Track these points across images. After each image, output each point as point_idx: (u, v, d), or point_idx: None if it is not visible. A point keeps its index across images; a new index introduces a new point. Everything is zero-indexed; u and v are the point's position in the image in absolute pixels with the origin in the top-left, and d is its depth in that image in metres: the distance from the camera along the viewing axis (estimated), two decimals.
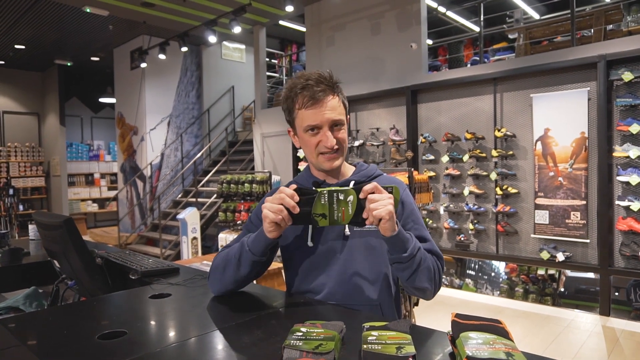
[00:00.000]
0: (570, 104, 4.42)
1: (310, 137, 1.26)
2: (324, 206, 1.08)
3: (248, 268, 1.21)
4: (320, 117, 1.23)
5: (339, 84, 1.30)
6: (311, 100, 1.22)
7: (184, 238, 6.18)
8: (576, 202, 4.41)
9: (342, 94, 1.30)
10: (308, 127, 1.24)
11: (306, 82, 1.23)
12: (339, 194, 1.08)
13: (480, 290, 5.36)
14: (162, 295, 1.30)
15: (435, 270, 1.24)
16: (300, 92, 1.24)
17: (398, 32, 5.83)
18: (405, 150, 5.61)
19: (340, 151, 1.27)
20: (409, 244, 1.15)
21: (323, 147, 1.24)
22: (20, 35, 8.11)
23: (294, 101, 1.26)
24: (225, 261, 1.24)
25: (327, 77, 1.26)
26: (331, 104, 1.24)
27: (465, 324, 0.87)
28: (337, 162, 1.28)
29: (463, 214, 5.26)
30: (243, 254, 1.20)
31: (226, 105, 9.59)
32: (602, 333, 3.81)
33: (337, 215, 1.09)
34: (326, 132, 1.23)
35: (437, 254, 1.30)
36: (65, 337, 0.98)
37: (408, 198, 1.35)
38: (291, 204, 1.08)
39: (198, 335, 0.98)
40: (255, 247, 1.19)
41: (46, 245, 1.64)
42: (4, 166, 10.19)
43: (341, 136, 1.26)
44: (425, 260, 1.20)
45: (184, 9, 6.82)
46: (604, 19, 4.80)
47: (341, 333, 0.90)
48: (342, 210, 1.08)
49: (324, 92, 1.23)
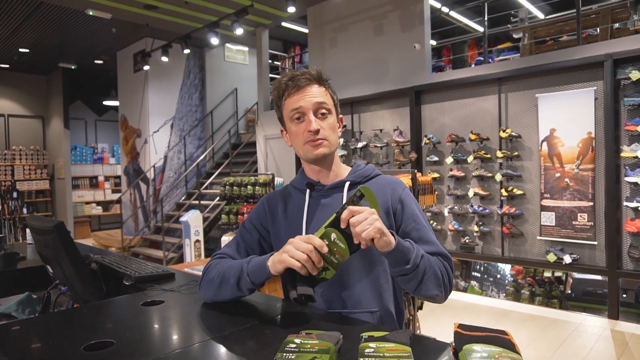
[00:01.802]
0: (577, 103, 4.35)
1: (297, 127, 1.23)
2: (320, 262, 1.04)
3: (246, 292, 1.17)
4: (303, 101, 1.21)
5: (328, 80, 1.28)
6: (295, 88, 1.22)
7: (186, 241, 6.16)
8: (583, 203, 4.34)
9: (330, 88, 1.28)
10: (292, 111, 1.22)
11: (292, 75, 1.24)
12: (323, 240, 1.02)
13: (486, 293, 5.28)
14: (154, 302, 1.26)
15: (443, 274, 1.16)
16: (285, 83, 1.23)
17: (401, 33, 5.78)
18: (409, 152, 5.55)
19: (328, 140, 1.23)
20: (411, 254, 1.08)
21: (308, 135, 1.21)
22: (24, 39, 8.14)
23: (279, 94, 1.26)
24: (222, 279, 1.18)
25: (314, 73, 1.25)
26: (316, 90, 1.23)
27: (469, 335, 0.81)
28: (322, 150, 1.22)
29: (468, 215, 5.20)
30: (242, 280, 1.15)
31: (229, 108, 9.57)
32: (610, 337, 3.73)
33: (336, 258, 1.04)
34: (310, 116, 1.21)
35: (444, 255, 1.22)
36: (49, 347, 0.94)
37: (408, 198, 1.28)
38: (316, 259, 1.02)
39: (188, 346, 0.93)
40: (256, 278, 1.13)
41: (39, 250, 1.60)
42: (9, 169, 10.23)
43: (327, 124, 1.23)
44: (431, 267, 1.13)
45: (186, 11, 6.81)
46: (611, 17, 4.73)
47: (337, 344, 0.85)
48: (335, 251, 1.03)
49: (308, 80, 1.23)
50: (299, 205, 1.29)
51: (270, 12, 6.97)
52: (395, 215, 1.25)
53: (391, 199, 1.26)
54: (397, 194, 1.27)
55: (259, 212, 1.35)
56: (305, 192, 1.30)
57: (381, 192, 1.25)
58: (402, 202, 1.26)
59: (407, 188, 1.31)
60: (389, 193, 1.27)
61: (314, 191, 1.29)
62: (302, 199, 1.30)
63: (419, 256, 1.09)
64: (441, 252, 1.21)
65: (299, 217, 1.27)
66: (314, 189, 1.29)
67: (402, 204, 1.26)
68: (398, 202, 1.25)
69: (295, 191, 1.34)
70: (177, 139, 8.94)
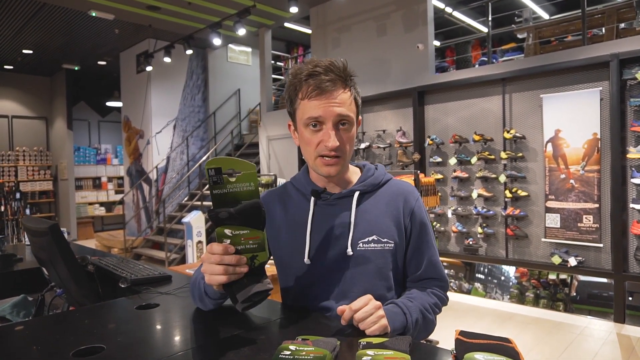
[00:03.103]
0: (582, 104, 4.30)
1: (311, 135, 1.08)
2: None
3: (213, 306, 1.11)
4: (324, 109, 1.05)
5: (353, 77, 1.11)
6: (317, 90, 1.05)
7: (189, 242, 6.15)
8: (589, 205, 4.28)
9: (355, 89, 1.13)
10: (309, 119, 1.06)
11: (314, 69, 1.06)
12: (223, 241, 0.92)
13: (490, 295, 5.23)
14: (149, 305, 1.23)
15: (436, 309, 1.17)
16: (305, 79, 1.06)
17: (404, 33, 5.74)
18: (412, 153, 5.51)
19: (343, 157, 1.09)
20: (407, 321, 1.06)
21: (323, 148, 1.07)
22: (27, 41, 8.16)
23: (297, 89, 1.09)
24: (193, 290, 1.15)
25: (339, 66, 1.08)
26: (341, 97, 1.06)
27: (471, 343, 0.78)
28: (335, 169, 1.10)
29: (471, 217, 5.15)
30: (204, 297, 1.08)
31: (232, 108, 9.56)
32: (617, 341, 3.68)
33: (253, 242, 0.94)
34: (329, 130, 1.06)
35: (443, 278, 1.21)
36: (37, 353, 0.91)
37: (420, 210, 1.19)
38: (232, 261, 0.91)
39: (180, 352, 0.90)
40: (213, 294, 1.05)
41: (34, 251, 1.58)
42: (12, 170, 10.26)
43: (347, 137, 1.09)
44: (425, 317, 1.12)
45: (188, 12, 6.80)
46: (616, 17, 4.68)
47: (334, 352, 0.82)
48: (244, 240, 0.93)
49: (333, 82, 1.05)
50: (301, 213, 1.18)
51: (272, 12, 6.95)
52: (405, 230, 1.18)
53: (403, 212, 1.18)
54: (410, 206, 1.18)
55: None
56: (309, 198, 1.18)
57: (393, 202, 1.18)
58: (415, 216, 1.18)
59: (420, 199, 1.22)
60: (401, 204, 1.18)
61: (319, 199, 1.18)
62: (304, 204, 1.19)
63: (413, 319, 1.08)
64: (441, 277, 1.21)
65: (302, 227, 1.17)
66: (320, 197, 1.18)
67: (414, 218, 1.18)
68: (410, 216, 1.18)
69: (297, 194, 1.23)
70: (180, 140, 8.93)
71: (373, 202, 1.17)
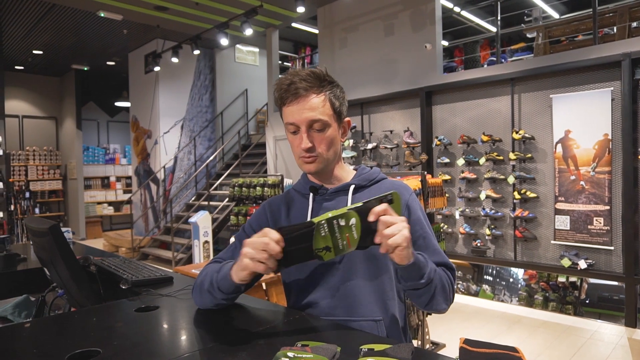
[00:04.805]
0: (593, 104, 4.23)
1: (293, 138, 1.19)
2: (325, 238, 0.95)
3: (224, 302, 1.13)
4: (298, 115, 1.14)
5: (333, 83, 1.19)
6: (291, 97, 1.15)
7: (195, 242, 6.15)
8: (599, 207, 4.21)
9: (332, 93, 1.18)
10: (287, 124, 1.18)
11: (293, 78, 1.15)
12: (340, 220, 0.95)
13: (498, 297, 5.17)
14: (149, 308, 1.22)
15: (449, 286, 1.14)
16: (286, 87, 1.16)
17: (412, 33, 5.70)
18: (420, 153, 5.46)
19: (319, 157, 1.17)
20: (425, 269, 1.04)
21: (300, 150, 1.17)
22: (38, 41, 8.23)
23: (279, 98, 1.19)
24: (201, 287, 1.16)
25: (317, 73, 1.16)
26: (313, 102, 1.14)
27: (476, 352, 0.75)
28: (314, 167, 1.18)
29: (479, 218, 5.09)
30: (214, 291, 1.11)
31: (239, 109, 9.56)
32: (628, 346, 3.61)
33: (342, 244, 0.97)
34: (302, 133, 1.15)
35: (448, 265, 1.19)
36: (33, 356, 0.90)
37: (414, 204, 1.24)
38: (276, 250, 0.94)
39: (177, 357, 0.88)
40: (226, 288, 1.09)
41: (36, 252, 1.58)
42: (22, 169, 10.36)
43: (321, 138, 1.16)
44: (441, 280, 1.10)
45: (196, 12, 6.82)
46: (628, 15, 4.60)
47: (333, 359, 0.80)
48: (346, 237, 0.96)
49: (306, 89, 1.14)
50: (302, 210, 1.26)
51: (280, 12, 6.94)
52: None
53: None
54: (404, 199, 1.22)
55: (260, 217, 1.31)
56: (309, 196, 1.26)
57: None
58: (409, 208, 1.22)
59: (413, 193, 1.27)
60: None
61: (317, 195, 1.26)
62: (305, 203, 1.26)
63: (432, 270, 1.06)
64: (446, 263, 1.19)
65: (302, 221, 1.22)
66: (318, 193, 1.26)
67: (409, 210, 1.21)
68: (405, 208, 1.21)
69: (298, 196, 1.30)
70: (187, 140, 8.96)
71: (367, 195, 1.21)
